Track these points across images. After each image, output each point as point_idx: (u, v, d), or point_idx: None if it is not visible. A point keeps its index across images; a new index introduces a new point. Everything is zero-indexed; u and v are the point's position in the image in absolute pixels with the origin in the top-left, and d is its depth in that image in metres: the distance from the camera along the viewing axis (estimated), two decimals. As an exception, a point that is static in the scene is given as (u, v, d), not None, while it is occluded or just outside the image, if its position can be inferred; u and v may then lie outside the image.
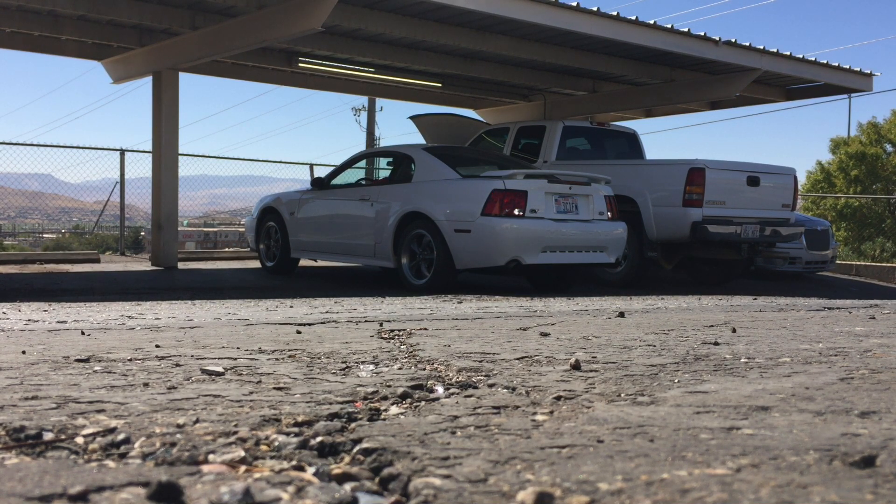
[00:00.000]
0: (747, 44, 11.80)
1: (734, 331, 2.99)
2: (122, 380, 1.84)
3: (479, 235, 7.46)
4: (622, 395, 1.66)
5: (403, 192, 8.32)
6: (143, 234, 21.06)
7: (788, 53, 12.38)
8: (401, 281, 8.22)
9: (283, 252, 9.79)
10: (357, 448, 1.22)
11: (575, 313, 4.12)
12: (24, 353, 2.33)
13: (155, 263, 11.20)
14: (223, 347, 2.51)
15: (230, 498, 0.94)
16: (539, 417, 1.43)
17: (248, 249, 12.60)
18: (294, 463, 1.15)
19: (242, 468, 1.12)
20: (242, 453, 1.19)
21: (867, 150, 24.85)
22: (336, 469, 1.11)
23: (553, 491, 0.96)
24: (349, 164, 9.93)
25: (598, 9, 10.22)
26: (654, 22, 10.82)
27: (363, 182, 9.73)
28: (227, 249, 19.49)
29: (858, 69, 13.32)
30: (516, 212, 7.48)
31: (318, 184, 9.63)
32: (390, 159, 9.53)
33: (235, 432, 1.30)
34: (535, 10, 9.59)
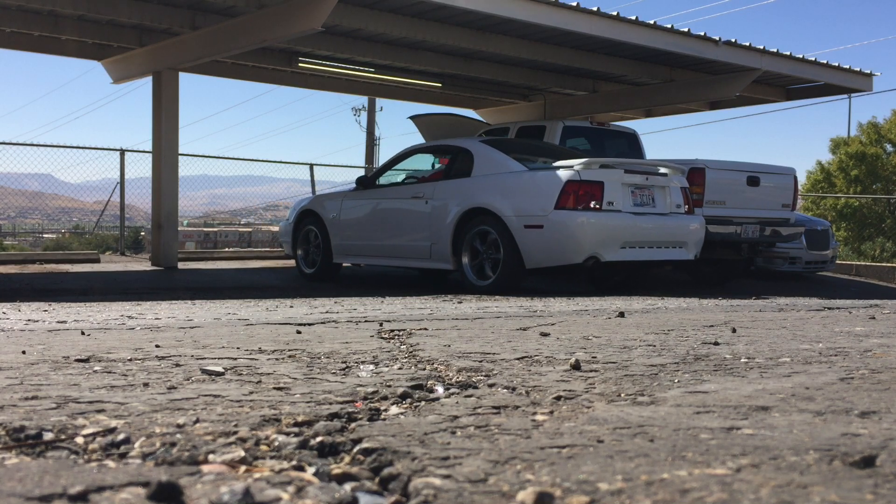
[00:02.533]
0: (747, 44, 11.80)
1: (734, 331, 2.99)
2: (122, 380, 1.84)
3: (553, 231, 6.94)
4: (622, 395, 1.66)
5: (463, 188, 7.75)
6: (143, 234, 21.06)
7: (788, 53, 12.38)
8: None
9: (324, 257, 9.15)
10: (357, 448, 1.22)
11: (575, 313, 4.12)
12: (24, 353, 2.33)
13: (155, 263, 11.20)
14: (223, 347, 2.51)
15: (230, 498, 0.94)
16: (539, 417, 1.43)
17: (248, 249, 12.55)
18: (294, 463, 1.15)
19: (242, 468, 1.12)
20: (242, 453, 1.19)
21: (867, 150, 24.86)
22: (336, 469, 1.11)
23: (553, 491, 0.96)
24: (396, 160, 9.26)
25: (598, 9, 10.22)
26: (654, 22, 10.82)
27: (413, 179, 9.00)
28: (227, 249, 19.50)
29: (858, 69, 13.32)
30: (592, 204, 6.95)
31: (363, 183, 9.05)
32: (443, 154, 8.90)
33: (235, 432, 1.30)
34: (535, 10, 9.59)
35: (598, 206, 6.96)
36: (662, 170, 7.65)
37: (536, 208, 7.02)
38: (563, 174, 7.01)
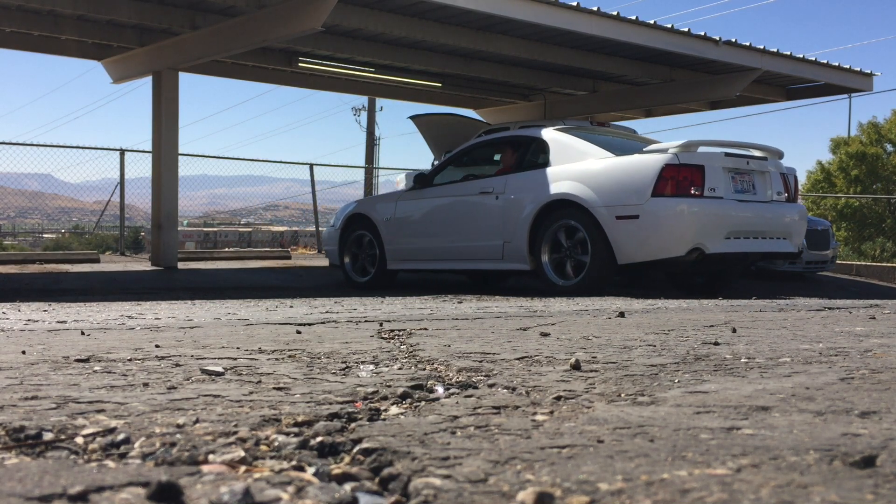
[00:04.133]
0: (747, 44, 11.81)
1: (734, 331, 2.99)
2: (121, 380, 1.84)
3: (650, 221, 6.31)
4: (622, 395, 1.66)
5: (541, 179, 7.05)
6: (143, 234, 21.06)
7: (788, 53, 12.38)
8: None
9: (380, 263, 8.44)
10: (357, 448, 1.22)
11: (575, 313, 4.12)
12: (23, 353, 2.33)
13: (155, 263, 11.20)
14: (223, 347, 2.51)
15: (230, 498, 0.94)
16: (539, 417, 1.43)
17: (248, 249, 12.50)
18: (294, 463, 1.15)
19: (242, 468, 1.12)
20: (242, 453, 1.19)
21: (867, 149, 24.87)
22: (336, 469, 1.11)
23: (553, 491, 0.96)
24: (458, 156, 8.51)
25: (598, 9, 10.23)
26: (654, 22, 10.82)
27: (477, 174, 8.20)
28: (226, 249, 19.50)
29: (858, 69, 13.33)
30: (692, 191, 6.34)
31: (421, 181, 8.29)
32: (511, 145, 8.17)
33: (235, 432, 1.30)
34: (535, 10, 9.59)
35: (698, 193, 6.34)
36: (762, 154, 7.04)
37: (630, 197, 6.38)
38: (660, 158, 6.37)
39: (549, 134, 7.36)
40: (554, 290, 6.76)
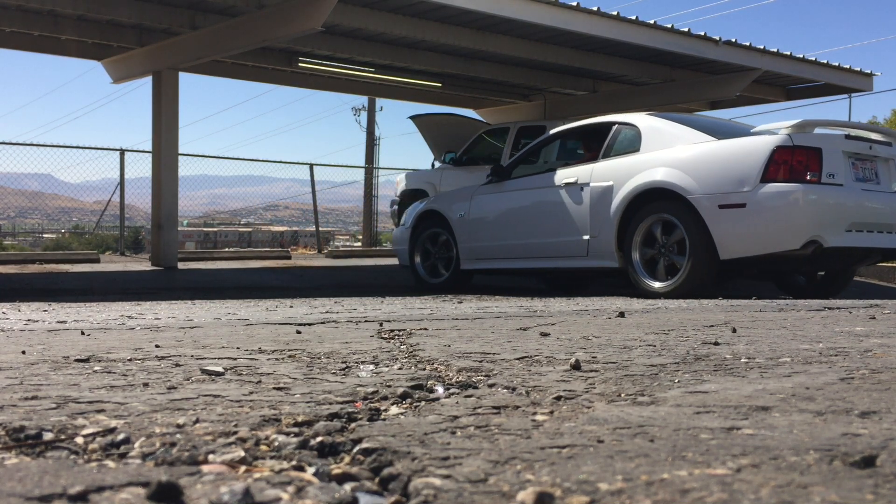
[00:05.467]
0: (747, 44, 11.82)
1: (734, 331, 2.99)
2: (121, 380, 1.84)
3: (760, 210, 5.66)
4: (622, 395, 1.66)
5: (630, 167, 6.44)
6: (143, 234, 21.07)
7: (788, 53, 12.39)
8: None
9: (456, 263, 7.94)
10: (357, 448, 1.22)
11: (575, 313, 4.12)
12: (23, 353, 2.33)
13: (155, 263, 11.21)
14: (223, 347, 2.51)
15: (230, 498, 0.94)
16: (539, 417, 1.43)
17: (248, 249, 12.46)
18: (294, 463, 1.15)
19: (242, 468, 1.12)
20: (242, 453, 1.19)
21: (867, 150, 24.84)
22: (336, 469, 1.11)
23: (553, 491, 0.96)
24: (537, 147, 7.98)
25: (598, 8, 10.24)
26: (654, 22, 10.83)
27: (558, 165, 7.59)
28: (227, 249, 19.51)
29: (858, 69, 13.34)
30: (808, 176, 5.67)
31: (499, 173, 7.71)
32: (596, 133, 7.56)
33: (235, 432, 1.30)
34: (535, 10, 9.60)
35: (814, 179, 5.67)
36: (885, 138, 6.35)
37: (735, 183, 5.74)
38: (770, 140, 5.74)
39: (640, 118, 6.82)
40: (646, 293, 6.14)
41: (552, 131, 8.00)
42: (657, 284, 6.15)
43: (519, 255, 7.37)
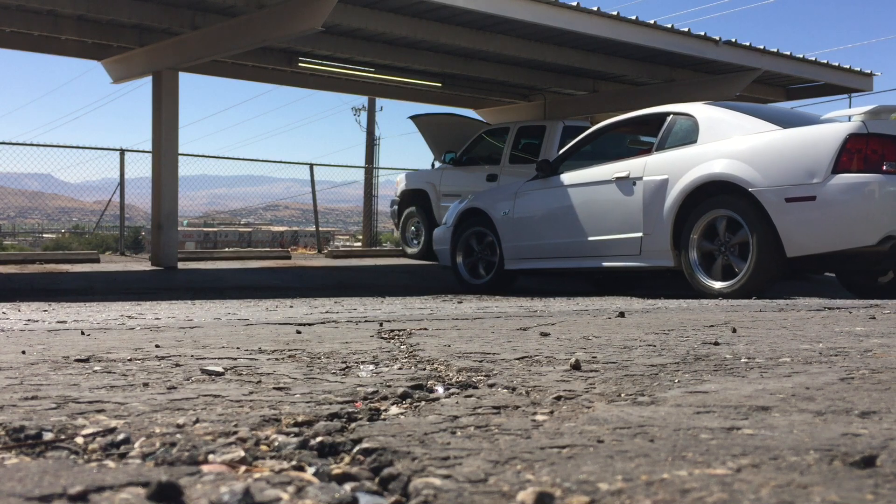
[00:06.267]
0: (747, 44, 11.83)
1: (734, 331, 2.99)
2: (121, 380, 1.84)
3: (832, 203, 5.28)
4: (622, 395, 1.66)
5: (687, 159, 6.06)
6: (143, 234, 21.07)
7: (788, 53, 12.40)
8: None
9: (499, 263, 7.62)
10: (357, 448, 1.22)
11: (575, 313, 4.12)
12: (23, 353, 2.33)
13: (155, 263, 11.21)
14: (223, 347, 2.51)
15: (230, 498, 0.94)
16: (539, 417, 1.43)
17: (248, 249, 12.44)
18: (294, 463, 1.15)
19: (242, 468, 1.12)
20: (242, 453, 1.19)
21: (867, 150, 24.83)
22: (336, 469, 1.11)
23: (553, 491, 0.96)
24: (585, 141, 7.50)
25: (598, 9, 10.24)
26: (654, 22, 10.84)
27: (607, 159, 7.20)
28: (227, 249, 19.51)
29: (858, 69, 13.35)
30: (885, 167, 5.26)
31: (545, 168, 7.34)
32: (648, 125, 7.24)
33: (235, 432, 1.30)
34: (535, 9, 9.60)
35: (892, 170, 5.27)
36: None
37: (803, 175, 5.36)
38: (843, 127, 5.38)
39: (697, 108, 6.44)
40: (705, 294, 5.81)
41: (602, 123, 7.57)
42: (718, 284, 5.80)
43: (566, 254, 7.02)
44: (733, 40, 11.55)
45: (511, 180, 11.25)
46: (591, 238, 6.76)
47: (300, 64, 12.20)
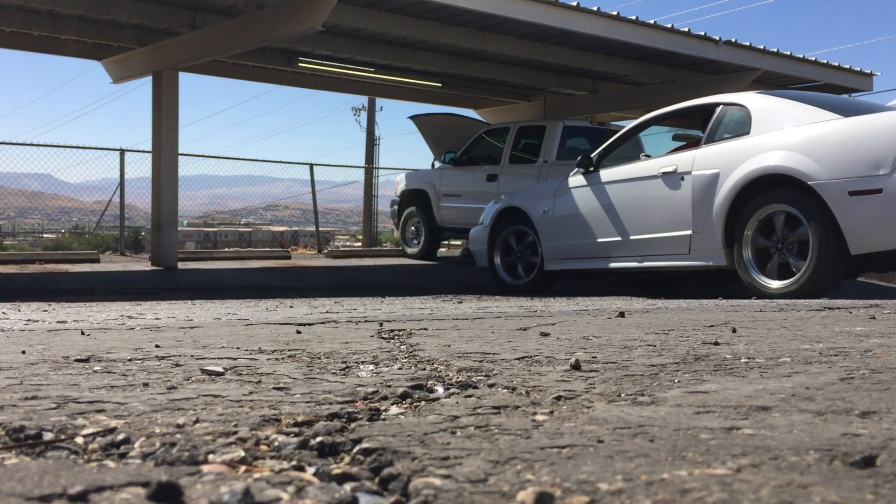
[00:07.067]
0: (747, 44, 11.83)
1: (734, 331, 2.99)
2: (121, 380, 1.84)
3: None
4: (622, 395, 1.66)
5: (739, 152, 5.75)
6: (143, 234, 21.07)
7: (789, 53, 12.40)
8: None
9: (540, 264, 7.41)
10: (357, 448, 1.22)
11: (575, 313, 4.12)
12: (23, 353, 2.33)
13: (155, 263, 11.21)
14: (223, 347, 2.51)
15: (230, 498, 0.94)
16: (539, 417, 1.43)
17: (248, 249, 12.43)
18: (294, 463, 1.15)
19: (242, 468, 1.12)
20: (242, 453, 1.19)
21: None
22: (336, 469, 1.11)
23: (553, 491, 0.96)
24: (629, 135, 7.22)
25: (598, 9, 10.25)
26: (654, 22, 10.84)
27: (653, 153, 6.98)
28: (227, 249, 19.51)
29: (858, 69, 13.36)
30: None
31: (586, 164, 7.05)
32: (696, 117, 6.99)
33: (235, 432, 1.30)
34: (535, 10, 9.60)
35: None
36: None
37: (868, 166, 5.04)
38: None
39: (749, 97, 6.12)
40: (761, 294, 5.52)
41: (646, 116, 7.25)
42: (775, 284, 5.51)
43: (609, 254, 6.71)
44: (733, 40, 11.55)
45: (511, 180, 11.26)
46: (635, 237, 6.49)
47: (300, 64, 12.21)
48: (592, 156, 7.10)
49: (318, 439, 1.26)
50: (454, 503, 0.94)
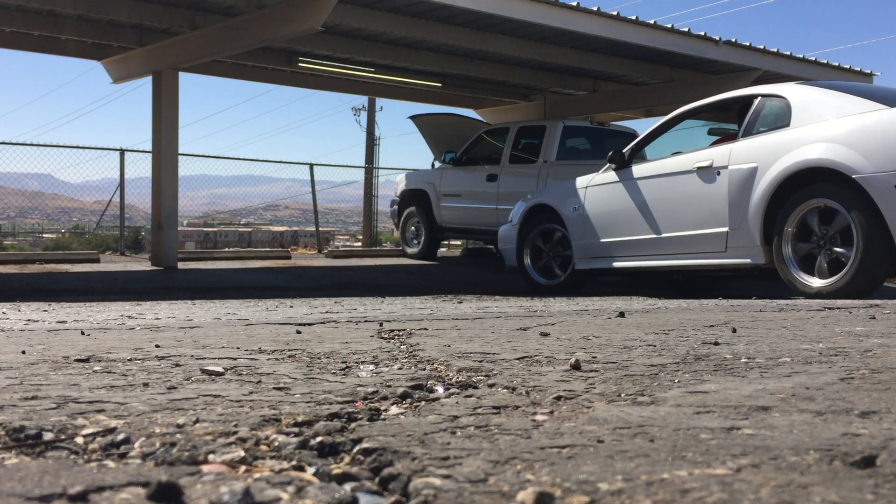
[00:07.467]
0: (747, 44, 11.84)
1: (734, 331, 2.99)
2: (121, 380, 1.84)
3: None
4: (622, 395, 1.66)
5: (779, 145, 5.48)
6: (143, 234, 21.07)
7: (788, 53, 12.40)
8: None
9: (572, 263, 7.21)
10: (357, 448, 1.22)
11: (575, 313, 4.12)
12: (23, 353, 2.33)
13: (155, 263, 11.21)
14: (223, 347, 2.51)
15: (230, 498, 0.94)
16: (539, 417, 1.43)
17: (248, 249, 12.42)
18: (294, 463, 1.15)
19: (242, 468, 1.12)
20: (242, 453, 1.19)
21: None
22: (336, 469, 1.11)
23: (553, 491, 0.96)
24: (661, 130, 6.97)
25: (598, 8, 10.25)
26: (654, 22, 10.84)
27: (687, 147, 6.74)
28: (227, 249, 19.51)
29: (858, 69, 13.36)
30: None
31: (618, 160, 6.81)
32: (732, 109, 6.81)
33: (235, 432, 1.30)
34: (535, 9, 9.60)
35: None
36: None
37: None
38: None
39: (788, 88, 5.89)
40: (803, 293, 5.33)
41: (680, 109, 6.96)
42: (817, 283, 5.27)
43: (641, 252, 6.49)
44: (733, 40, 11.55)
45: (511, 180, 11.27)
46: (669, 234, 6.26)
47: (300, 64, 12.21)
48: (624, 151, 6.90)
49: (318, 439, 1.26)
50: (454, 503, 0.94)
